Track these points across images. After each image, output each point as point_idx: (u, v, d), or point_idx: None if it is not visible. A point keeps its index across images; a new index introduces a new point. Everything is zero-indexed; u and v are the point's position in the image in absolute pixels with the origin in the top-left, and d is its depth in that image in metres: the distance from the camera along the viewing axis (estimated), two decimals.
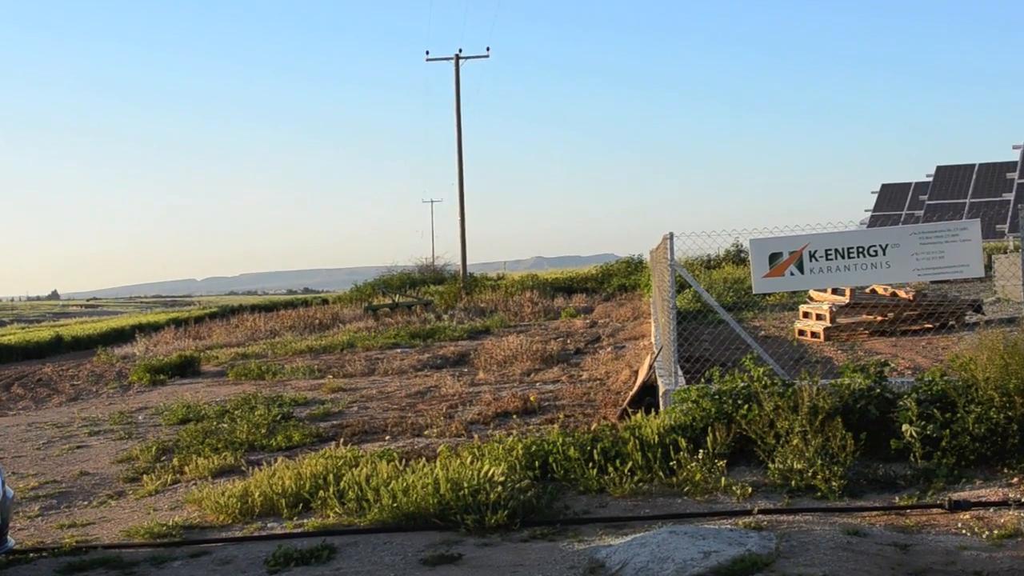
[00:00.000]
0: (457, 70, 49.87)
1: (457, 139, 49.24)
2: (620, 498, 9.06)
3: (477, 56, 50.50)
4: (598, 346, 22.82)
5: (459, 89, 49.77)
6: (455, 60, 50.07)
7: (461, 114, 49.48)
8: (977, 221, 11.60)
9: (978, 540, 7.31)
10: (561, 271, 66.57)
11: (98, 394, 20.34)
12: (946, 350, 14.49)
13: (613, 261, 53.79)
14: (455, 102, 49.60)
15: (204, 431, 13.62)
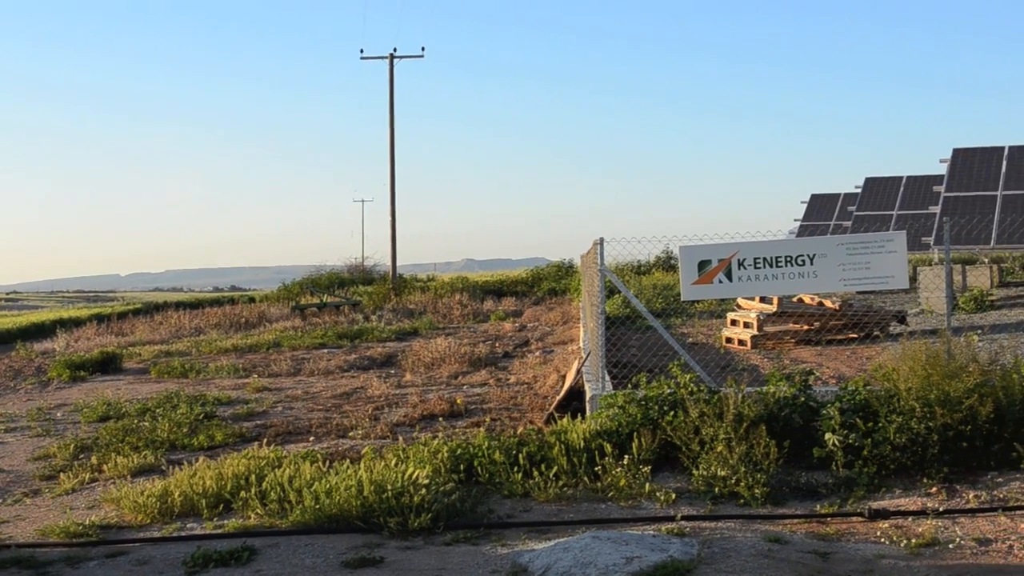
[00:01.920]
0: (391, 69, 49.65)
1: (390, 139, 49.01)
2: (544, 502, 9.04)
3: (412, 56, 50.33)
4: (526, 350, 22.82)
5: (393, 89, 49.56)
6: (389, 59, 49.82)
7: (394, 114, 49.28)
8: (903, 233, 11.73)
9: (896, 549, 7.39)
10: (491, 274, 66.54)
11: (15, 390, 19.94)
12: (870, 360, 14.65)
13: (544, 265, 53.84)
14: (389, 102, 49.38)
15: (124, 429, 13.40)
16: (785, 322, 19.30)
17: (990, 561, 7.09)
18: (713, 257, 11.66)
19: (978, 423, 9.21)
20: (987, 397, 9.27)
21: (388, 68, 49.75)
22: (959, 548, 7.38)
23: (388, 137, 49.12)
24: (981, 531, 7.75)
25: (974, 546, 7.41)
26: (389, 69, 49.70)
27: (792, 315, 19.13)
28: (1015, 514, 8.13)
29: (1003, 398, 9.39)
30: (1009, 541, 7.48)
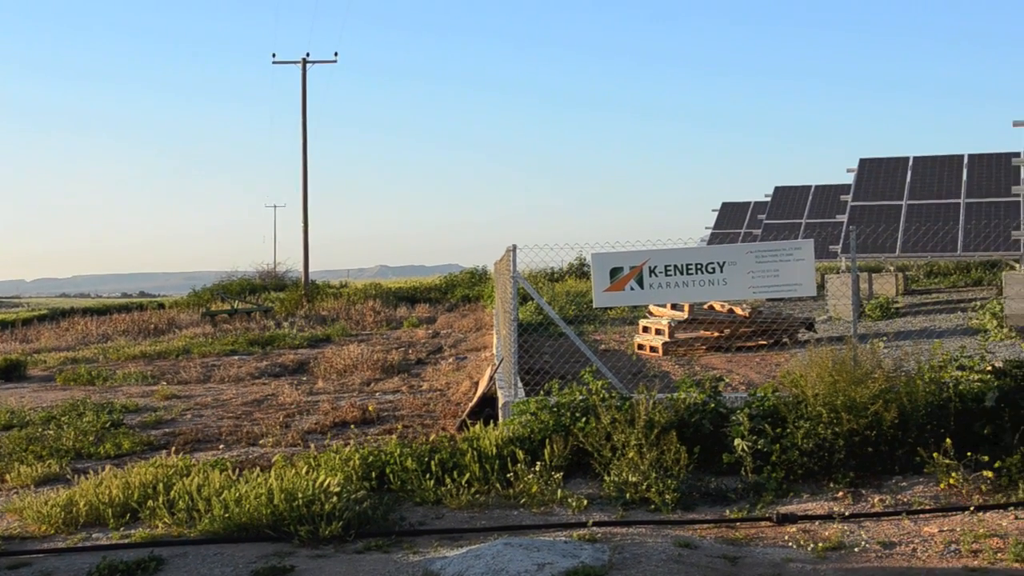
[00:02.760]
0: (304, 74, 49.31)
1: (303, 144, 48.65)
2: (457, 510, 9.02)
3: (325, 61, 50.07)
4: (440, 357, 22.78)
5: (305, 93, 49.21)
6: (302, 64, 49.49)
7: (307, 119, 48.95)
8: (810, 241, 11.91)
9: (804, 553, 7.49)
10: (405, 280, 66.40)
11: None
12: (779, 366, 14.86)
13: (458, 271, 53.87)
14: (301, 107, 49.03)
15: (28, 437, 13.09)
16: (696, 329, 19.50)
17: (894, 564, 7.22)
18: (625, 264, 11.74)
19: (883, 428, 9.38)
20: (892, 403, 9.44)
21: (300, 73, 49.42)
22: (864, 551, 7.50)
23: (301, 142, 48.78)
24: (886, 534, 7.88)
25: (879, 549, 7.54)
26: (302, 74, 49.38)
27: (703, 322, 19.33)
28: (918, 517, 8.29)
29: (907, 404, 9.57)
30: (913, 544, 7.62)
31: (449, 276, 52.02)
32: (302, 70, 49.45)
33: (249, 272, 59.70)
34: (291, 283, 53.79)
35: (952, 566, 7.12)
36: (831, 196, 37.17)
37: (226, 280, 56.05)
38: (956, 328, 19.88)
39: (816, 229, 34.94)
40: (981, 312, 21.02)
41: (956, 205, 26.86)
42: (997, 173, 27.64)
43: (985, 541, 7.54)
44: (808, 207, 37.38)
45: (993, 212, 26.23)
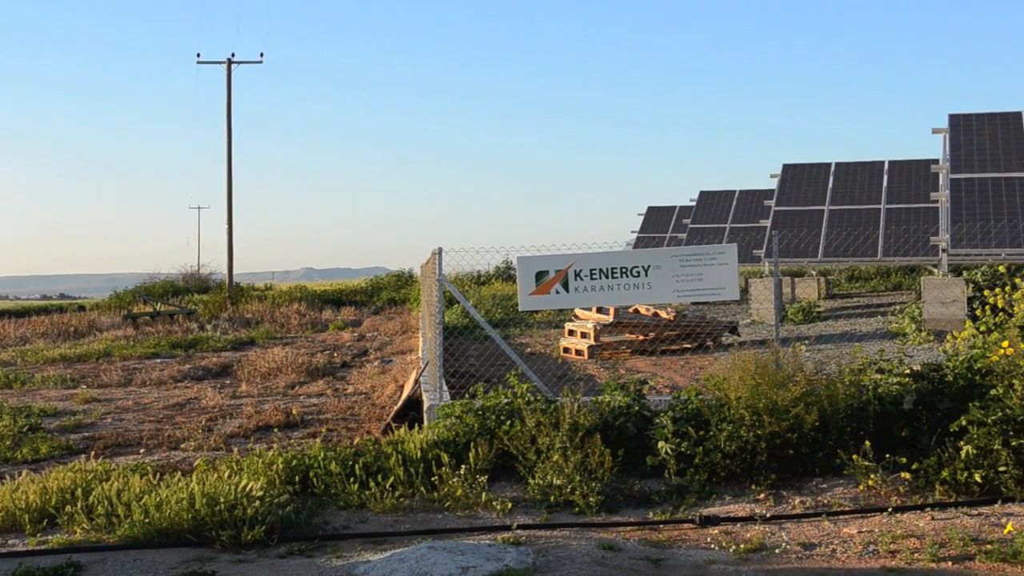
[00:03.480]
0: (229, 75, 48.83)
1: (227, 145, 48.18)
2: (381, 513, 8.98)
3: (250, 61, 49.59)
4: (365, 360, 22.68)
5: (231, 94, 48.76)
6: (227, 64, 49.00)
7: (232, 120, 48.53)
8: (734, 246, 12.02)
9: (726, 554, 7.56)
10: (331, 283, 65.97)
11: None
12: (703, 370, 14.98)
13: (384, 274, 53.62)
14: (226, 107, 48.55)
15: None
16: (621, 332, 19.59)
17: (814, 565, 7.31)
18: (550, 268, 11.77)
19: (804, 431, 9.49)
20: (813, 406, 9.56)
21: (226, 73, 48.95)
22: (785, 553, 7.58)
23: (226, 143, 48.32)
24: (806, 536, 7.98)
25: (799, 550, 7.63)
26: (227, 74, 48.90)
27: (628, 325, 19.43)
28: (838, 519, 8.40)
29: (828, 406, 9.69)
30: (832, 545, 7.72)
31: (375, 279, 51.76)
32: (227, 70, 48.99)
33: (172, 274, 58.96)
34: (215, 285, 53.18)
35: (870, 566, 7.23)
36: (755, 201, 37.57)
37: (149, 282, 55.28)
38: (876, 332, 20.17)
39: (740, 234, 35.30)
40: (900, 316, 21.34)
41: (877, 211, 27.28)
42: (916, 179, 28.12)
43: (903, 542, 7.66)
44: (732, 212, 37.75)
45: (912, 218, 26.68)
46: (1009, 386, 9.11)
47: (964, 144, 20.57)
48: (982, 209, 18.74)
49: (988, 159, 20.04)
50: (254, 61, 49.74)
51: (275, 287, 57.17)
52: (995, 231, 18.14)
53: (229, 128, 48.38)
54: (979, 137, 20.73)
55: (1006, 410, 8.89)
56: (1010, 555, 7.16)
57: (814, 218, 27.45)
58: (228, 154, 48.22)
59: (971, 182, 19.46)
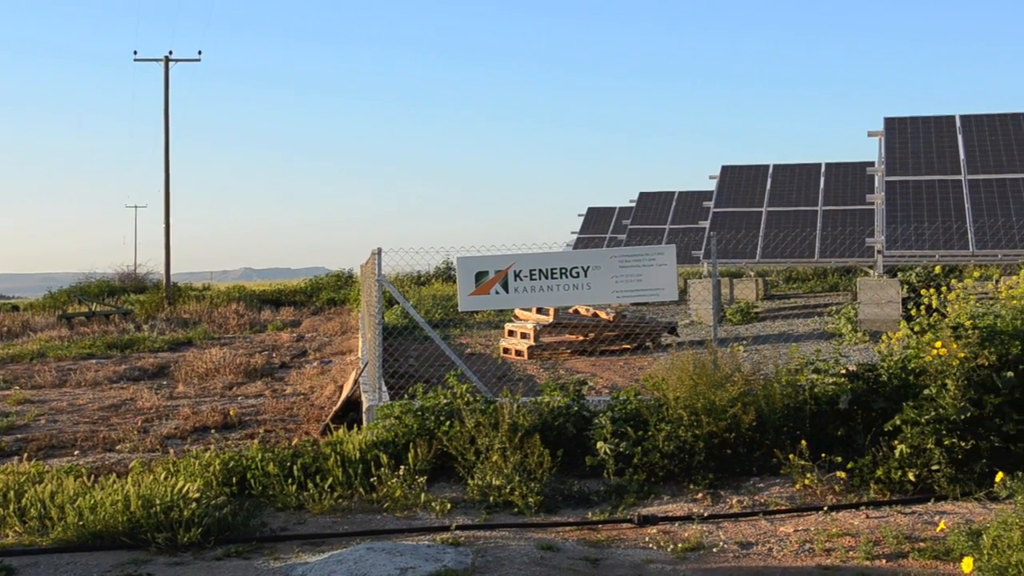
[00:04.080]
0: (166, 72, 48.33)
1: (165, 144, 47.67)
2: (319, 514, 8.93)
3: (188, 59, 49.11)
4: (304, 360, 22.54)
5: (168, 92, 48.26)
6: (164, 62, 48.49)
7: (170, 118, 47.98)
8: (673, 247, 12.10)
9: (664, 554, 7.60)
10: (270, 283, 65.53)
11: None
12: (642, 370, 15.04)
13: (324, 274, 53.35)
14: (164, 105, 48.05)
15: None
16: (561, 333, 19.64)
17: (751, 563, 7.37)
18: (490, 268, 11.78)
19: (742, 431, 9.57)
20: (750, 406, 9.63)
21: (163, 71, 48.45)
22: (722, 552, 7.64)
23: (163, 142, 47.83)
24: (743, 535, 8.04)
25: (736, 549, 7.69)
26: (164, 72, 48.40)
27: (568, 326, 19.49)
28: (775, 518, 8.48)
29: (765, 406, 9.78)
30: (769, 544, 7.79)
31: (315, 279, 51.46)
32: (164, 68, 48.49)
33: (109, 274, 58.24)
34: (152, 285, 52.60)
35: (806, 565, 7.30)
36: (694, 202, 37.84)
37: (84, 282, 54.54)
38: (813, 332, 20.37)
39: (679, 235, 35.53)
40: (837, 317, 21.58)
41: (814, 212, 27.58)
42: (853, 181, 28.46)
43: (838, 540, 7.75)
44: (672, 213, 37.99)
45: (849, 219, 27.00)
46: (942, 386, 9.23)
47: (899, 147, 20.84)
48: (916, 211, 19.00)
49: (923, 162, 20.32)
50: (192, 59, 49.29)
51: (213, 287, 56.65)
52: (929, 233, 18.39)
53: (167, 126, 47.91)
54: (914, 140, 21.02)
55: (939, 410, 9.01)
56: (942, 553, 7.26)
57: (752, 219, 27.69)
58: (166, 152, 47.76)
59: (906, 184, 19.72)
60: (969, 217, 18.55)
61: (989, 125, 21.18)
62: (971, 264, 26.87)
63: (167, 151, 47.80)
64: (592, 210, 47.15)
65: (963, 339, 9.54)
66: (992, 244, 18.01)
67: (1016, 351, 9.56)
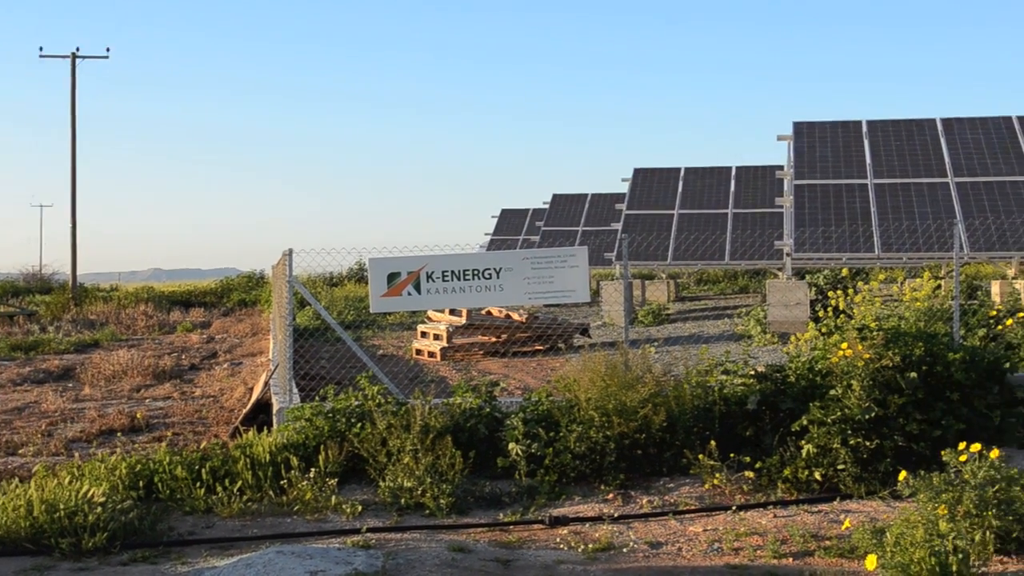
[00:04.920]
0: (73, 69, 47.46)
1: (71, 142, 46.80)
2: (228, 518, 8.83)
3: (95, 56, 48.30)
4: (214, 362, 22.28)
5: (75, 89, 47.40)
6: (71, 59, 47.62)
7: (76, 116, 47.14)
8: (584, 249, 12.15)
9: (575, 554, 7.63)
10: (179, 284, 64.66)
11: None
12: (554, 371, 15.08)
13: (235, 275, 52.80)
14: (71, 103, 47.19)
15: None
16: (474, 334, 19.65)
17: (660, 563, 7.43)
18: (403, 270, 11.73)
19: (652, 431, 9.64)
20: (660, 406, 9.71)
21: (70, 67, 47.59)
22: (633, 552, 7.69)
23: (70, 140, 46.96)
24: (653, 534, 8.11)
25: (646, 549, 7.75)
26: (71, 68, 47.54)
27: (481, 327, 19.50)
28: (684, 517, 8.56)
29: (675, 407, 9.86)
30: (679, 543, 7.86)
31: (226, 280, 50.89)
32: (71, 65, 47.63)
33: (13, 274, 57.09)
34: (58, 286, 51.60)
35: (715, 564, 7.38)
36: (607, 204, 38.05)
37: None
38: (723, 334, 20.61)
39: (592, 236, 35.70)
40: (746, 318, 21.85)
41: (724, 215, 27.90)
42: (762, 185, 28.85)
43: (746, 539, 7.84)
44: (585, 215, 38.17)
45: (758, 222, 27.36)
46: (848, 386, 9.38)
47: (807, 151, 21.16)
48: (824, 214, 19.29)
49: (830, 166, 20.65)
50: (100, 56, 48.52)
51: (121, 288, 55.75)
52: (836, 236, 18.69)
53: (73, 124, 47.06)
54: (822, 145, 21.35)
55: (845, 410, 9.16)
56: (847, 550, 7.39)
57: (664, 222, 27.92)
58: (72, 151, 46.90)
59: (814, 188, 20.03)
60: (875, 221, 18.88)
61: (894, 130, 21.60)
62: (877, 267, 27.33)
63: (73, 149, 46.98)
64: (506, 212, 47.23)
65: (868, 340, 9.72)
66: (897, 247, 18.35)
67: (919, 352, 9.75)
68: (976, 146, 20.65)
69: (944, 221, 18.29)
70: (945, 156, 20.47)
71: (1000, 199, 19.06)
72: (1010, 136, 20.82)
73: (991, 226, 18.36)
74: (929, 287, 14.68)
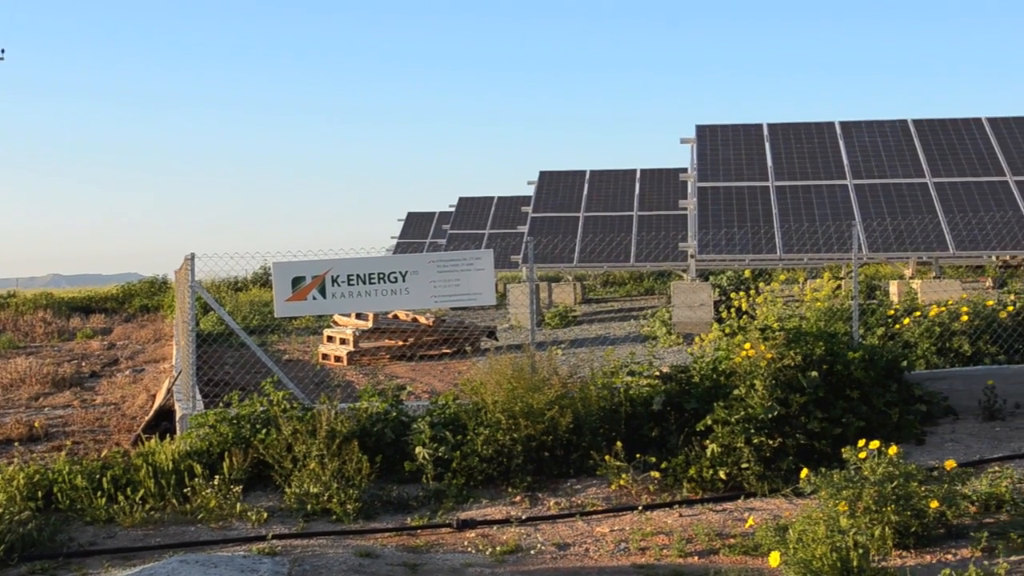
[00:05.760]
0: None
1: None
2: (131, 528, 8.67)
3: None
4: (116, 369, 21.89)
5: None
6: None
7: None
8: (490, 251, 12.17)
9: (482, 557, 7.63)
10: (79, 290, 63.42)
11: None
12: (462, 375, 15.08)
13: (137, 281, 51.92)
14: None
15: None
16: (380, 338, 19.57)
17: (568, 564, 7.45)
18: (307, 274, 11.65)
19: (559, 433, 9.68)
20: (567, 408, 9.75)
21: None
22: (540, 554, 7.71)
23: None
24: (561, 536, 8.13)
25: (554, 551, 7.77)
26: None
27: (387, 331, 19.42)
28: (591, 518, 8.59)
29: (581, 409, 9.91)
30: (586, 544, 7.89)
31: (127, 285, 49.97)
32: None
33: None
34: None
35: (621, 564, 7.42)
36: (513, 207, 38.12)
37: None
38: (629, 335, 20.77)
39: (499, 239, 35.75)
40: (652, 320, 22.05)
41: (630, 217, 28.11)
42: (667, 187, 29.12)
43: (652, 539, 7.90)
44: (491, 218, 38.20)
45: (663, 224, 27.61)
46: (751, 386, 9.51)
47: (710, 154, 21.42)
48: (727, 216, 19.54)
49: (732, 168, 20.92)
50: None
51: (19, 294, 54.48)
52: (739, 237, 18.94)
53: None
54: (724, 148, 21.63)
55: (748, 409, 9.28)
56: (751, 548, 7.48)
57: (570, 224, 28.05)
58: None
59: (716, 190, 20.28)
60: (776, 222, 19.17)
61: (795, 133, 21.96)
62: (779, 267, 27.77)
63: None
64: (412, 215, 47.10)
65: (770, 340, 9.86)
66: (798, 248, 18.65)
67: (820, 352, 9.92)
68: (874, 149, 21.09)
69: (843, 222, 18.64)
70: (844, 158, 20.87)
71: (897, 201, 19.48)
72: (906, 139, 21.30)
73: (888, 227, 18.75)
74: (829, 287, 14.94)
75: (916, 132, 21.49)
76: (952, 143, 21.05)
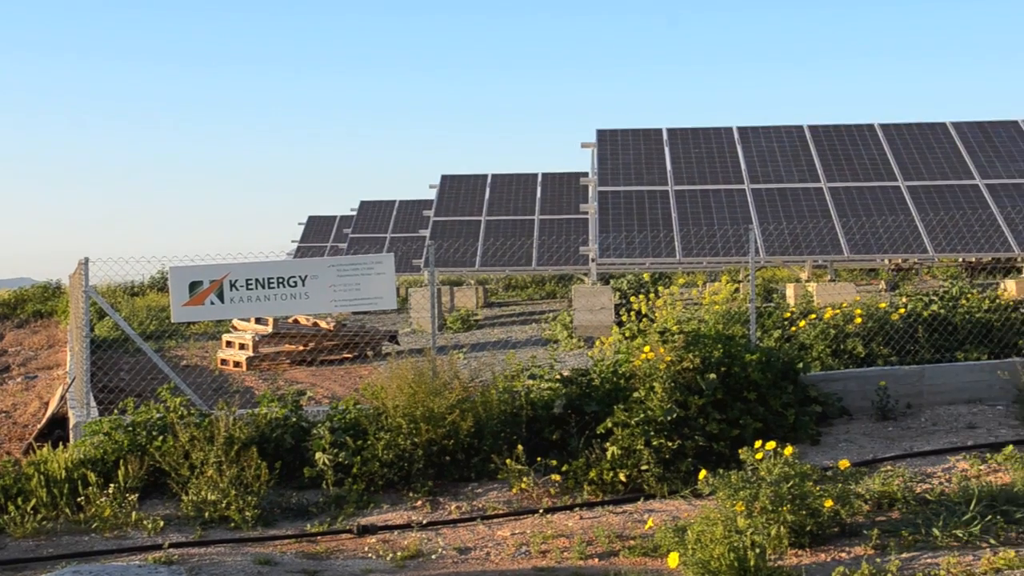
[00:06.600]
0: None
1: None
2: (21, 538, 8.48)
3: None
4: (7, 376, 21.37)
5: None
6: None
7: None
8: (391, 255, 12.11)
9: (383, 563, 7.60)
10: None
11: None
12: (363, 379, 14.99)
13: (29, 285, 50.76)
14: None
15: None
16: (280, 343, 19.36)
17: (469, 568, 7.45)
18: (205, 278, 11.49)
19: (460, 437, 9.67)
20: (468, 412, 9.75)
21: None
22: (442, 558, 7.70)
23: None
24: (462, 540, 8.12)
25: (455, 555, 7.76)
26: None
27: (288, 336, 19.23)
28: (492, 522, 8.61)
29: (483, 412, 9.92)
30: (487, 548, 7.90)
31: (19, 290, 48.77)
32: None
33: None
34: None
35: (522, 567, 7.44)
36: (415, 211, 38.01)
37: None
38: (531, 339, 20.82)
39: (400, 243, 35.62)
40: (553, 323, 22.12)
41: (531, 221, 28.18)
42: (568, 191, 29.25)
43: (553, 541, 7.93)
44: (393, 221, 38.06)
45: (565, 228, 27.73)
46: (650, 389, 9.60)
47: (611, 158, 21.57)
48: (628, 220, 19.69)
49: (632, 173, 21.09)
50: None
51: None
52: (639, 241, 19.10)
53: None
54: (624, 152, 21.80)
55: (647, 411, 9.36)
56: (651, 549, 7.55)
57: (472, 228, 28.05)
58: None
59: (617, 194, 20.42)
60: (676, 226, 19.36)
61: (693, 138, 22.22)
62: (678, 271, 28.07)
63: None
64: (313, 219, 46.73)
65: (669, 343, 9.96)
66: (697, 252, 18.87)
67: (718, 354, 10.05)
68: (770, 154, 21.42)
69: (741, 226, 18.90)
70: (741, 163, 21.17)
71: (793, 205, 19.81)
72: (802, 144, 21.67)
73: (785, 231, 19.05)
74: (728, 290, 15.13)
75: (812, 138, 21.88)
76: (847, 149, 21.48)
